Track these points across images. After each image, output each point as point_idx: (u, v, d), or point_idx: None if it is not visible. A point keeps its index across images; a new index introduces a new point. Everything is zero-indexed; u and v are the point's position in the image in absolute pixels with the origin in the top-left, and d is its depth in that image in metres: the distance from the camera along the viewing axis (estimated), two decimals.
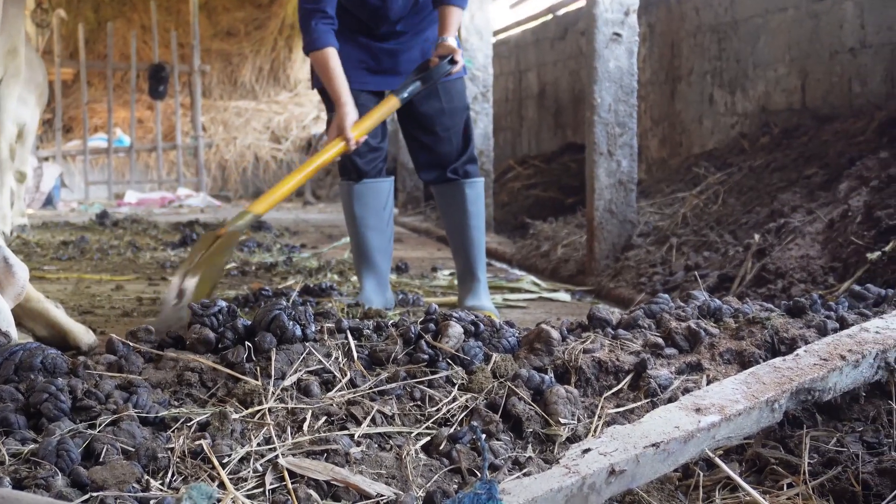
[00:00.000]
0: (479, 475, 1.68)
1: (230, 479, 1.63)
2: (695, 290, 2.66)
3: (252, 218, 3.30)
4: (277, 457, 1.69)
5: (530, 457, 1.82)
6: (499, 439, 1.85)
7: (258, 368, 2.02)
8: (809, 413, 2.01)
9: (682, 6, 6.92)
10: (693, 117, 6.86)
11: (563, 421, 1.90)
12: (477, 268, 3.78)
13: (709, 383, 2.01)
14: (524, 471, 1.75)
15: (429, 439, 1.83)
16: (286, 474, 1.64)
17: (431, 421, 1.91)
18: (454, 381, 2.05)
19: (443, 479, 1.73)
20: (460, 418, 1.93)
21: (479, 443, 1.75)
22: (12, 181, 6.54)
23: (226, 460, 1.68)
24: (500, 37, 10.73)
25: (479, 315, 2.33)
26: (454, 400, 1.98)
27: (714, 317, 2.37)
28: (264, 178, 13.13)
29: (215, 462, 1.65)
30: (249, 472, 1.66)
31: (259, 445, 1.75)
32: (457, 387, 2.03)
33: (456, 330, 2.19)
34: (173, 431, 1.77)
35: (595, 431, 1.89)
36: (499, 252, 6.11)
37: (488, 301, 3.81)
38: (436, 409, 1.95)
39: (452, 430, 1.83)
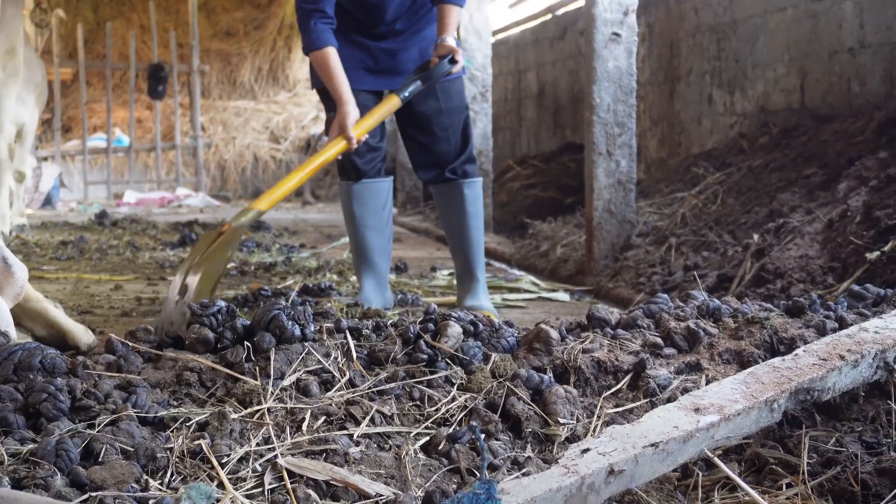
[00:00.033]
0: (478, 475, 1.67)
1: (229, 479, 1.63)
2: (694, 289, 2.66)
3: (256, 214, 3.30)
4: (276, 457, 1.69)
5: (529, 457, 1.82)
6: (498, 439, 1.85)
7: (257, 368, 2.02)
8: (808, 413, 2.01)
9: (681, 6, 6.92)
10: (692, 117, 6.86)
11: (562, 421, 1.90)
12: (476, 268, 3.78)
13: (708, 383, 2.01)
14: (523, 471, 1.75)
15: (428, 439, 1.83)
16: (285, 474, 1.64)
17: (430, 421, 1.91)
18: (453, 380, 2.05)
19: (442, 479, 1.72)
20: (459, 418, 1.93)
21: (478, 443, 1.75)
22: (11, 181, 6.54)
23: (225, 460, 1.68)
24: (499, 37, 10.73)
25: (478, 315, 2.33)
26: (453, 400, 1.98)
27: (713, 317, 2.37)
28: (263, 178, 13.13)
29: (214, 462, 1.65)
30: (248, 471, 1.66)
31: (258, 445, 1.75)
32: (456, 387, 2.03)
33: (455, 330, 2.19)
34: (172, 431, 1.77)
35: (594, 431, 1.89)
36: (498, 252, 6.11)
37: (487, 301, 3.81)
38: (435, 408, 1.95)
39: (451, 430, 1.83)
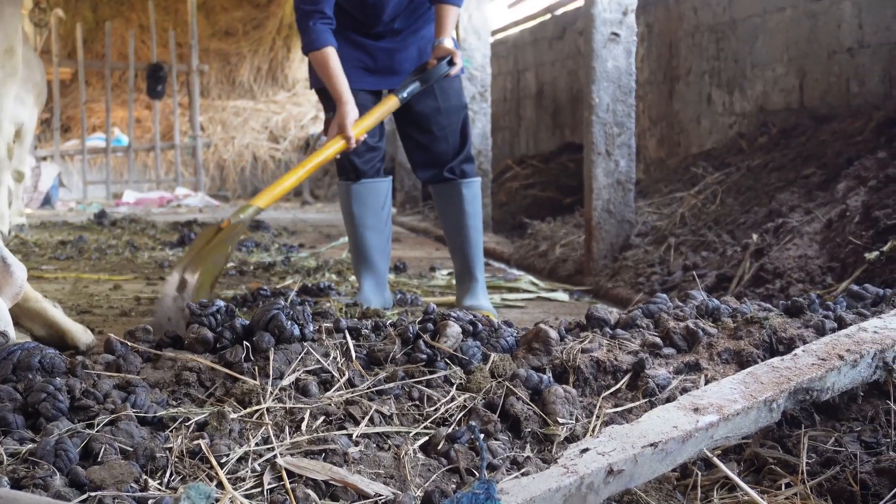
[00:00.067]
0: (478, 475, 1.67)
1: (228, 479, 1.63)
2: (693, 289, 2.66)
3: (255, 211, 3.30)
4: (276, 456, 1.69)
5: (528, 456, 1.82)
6: (497, 439, 1.85)
7: (256, 368, 2.02)
8: (807, 413, 2.01)
9: (680, 6, 6.92)
10: (691, 117, 6.86)
11: (561, 421, 1.90)
12: (475, 267, 3.78)
13: (707, 383, 2.01)
14: (522, 470, 1.75)
15: (427, 439, 1.83)
16: (284, 474, 1.64)
17: (430, 421, 1.91)
18: (452, 380, 2.05)
19: (441, 479, 1.72)
20: (458, 418, 1.93)
21: (477, 442, 1.75)
22: (10, 181, 6.54)
23: (224, 460, 1.68)
24: (498, 36, 10.73)
25: (477, 315, 2.33)
26: (452, 400, 1.98)
27: (712, 316, 2.37)
28: (262, 178, 13.12)
29: (213, 462, 1.65)
30: (248, 471, 1.66)
31: (257, 445, 1.75)
32: (455, 386, 2.03)
33: (454, 330, 2.19)
34: (171, 431, 1.77)
35: (593, 431, 1.89)
36: (497, 252, 6.11)
37: (486, 301, 3.81)
38: (434, 408, 1.95)
39: (451, 430, 1.83)
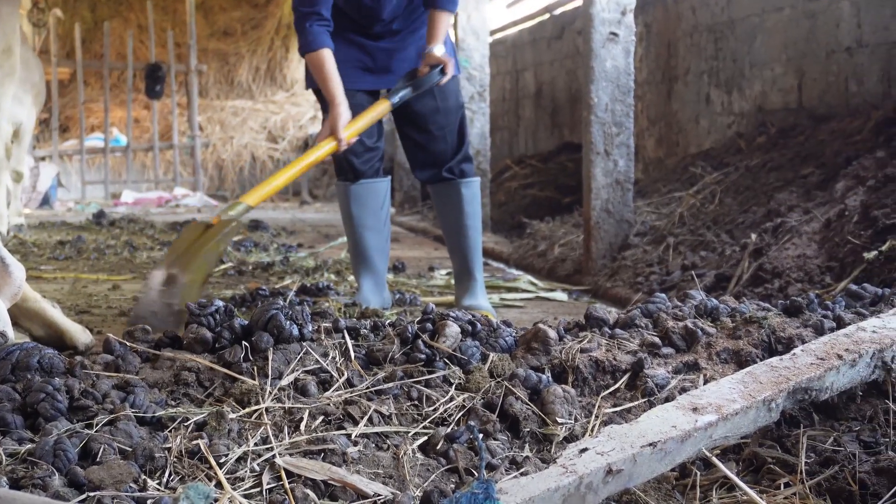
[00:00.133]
0: (477, 475, 1.68)
1: (227, 479, 1.63)
2: (692, 289, 2.66)
3: (244, 208, 3.29)
4: (274, 456, 1.69)
5: (527, 456, 1.82)
6: (496, 439, 1.85)
7: (255, 368, 2.02)
8: (806, 412, 2.01)
9: (678, 6, 6.92)
10: (690, 117, 6.86)
11: (560, 420, 1.90)
12: (474, 267, 3.79)
13: (706, 383, 2.01)
14: (521, 470, 1.75)
15: (426, 439, 1.83)
16: (283, 474, 1.64)
17: (428, 420, 1.91)
18: (451, 380, 2.05)
19: (440, 479, 1.73)
20: (457, 418, 1.93)
21: (476, 442, 1.75)
22: (9, 181, 6.54)
23: (223, 460, 1.68)
24: (497, 36, 10.73)
25: (476, 315, 2.33)
26: (451, 399, 1.98)
27: (711, 316, 2.37)
28: (261, 178, 13.09)
29: (212, 462, 1.65)
30: (246, 471, 1.66)
31: (256, 445, 1.75)
32: (454, 386, 2.03)
33: (453, 329, 2.19)
34: (170, 431, 1.77)
35: (592, 431, 1.89)
36: (496, 251, 6.11)
37: (485, 300, 3.81)
38: (433, 408, 1.95)
39: (449, 430, 1.83)
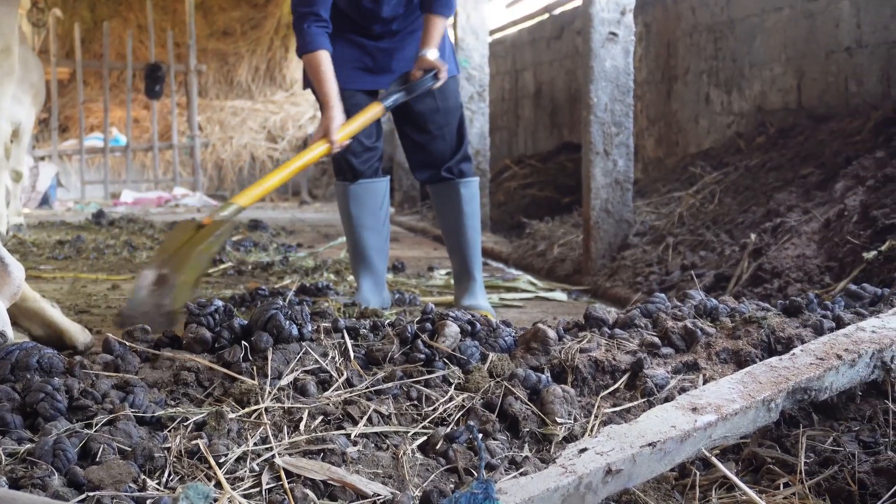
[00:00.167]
0: (476, 475, 1.68)
1: (227, 479, 1.63)
2: (691, 289, 2.66)
3: (236, 209, 3.28)
4: (274, 456, 1.69)
5: (527, 456, 1.82)
6: (495, 439, 1.85)
7: (255, 368, 2.02)
8: (806, 412, 2.01)
9: (678, 6, 6.92)
10: (689, 117, 6.86)
11: (559, 420, 1.90)
12: (473, 267, 3.79)
13: (705, 383, 2.01)
14: (521, 470, 1.75)
15: (425, 439, 1.83)
16: (283, 474, 1.64)
17: (428, 420, 1.91)
18: (451, 380, 2.05)
19: (439, 479, 1.73)
20: (457, 418, 1.93)
21: (475, 442, 1.75)
22: (8, 180, 6.54)
23: (222, 460, 1.68)
24: (497, 36, 10.73)
25: (475, 314, 2.33)
26: (451, 399, 1.98)
27: (710, 316, 2.37)
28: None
29: (212, 461, 1.65)
30: (246, 471, 1.66)
31: (255, 445, 1.75)
32: (453, 386, 2.03)
33: (452, 329, 2.19)
34: (170, 431, 1.77)
35: (591, 431, 1.89)
36: (495, 251, 6.11)
37: (485, 300, 3.81)
38: (432, 408, 1.95)
39: (449, 430, 1.83)
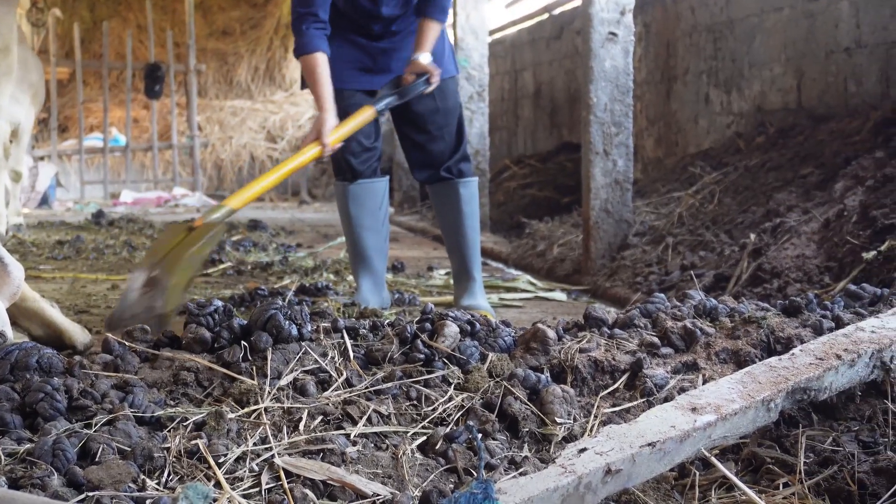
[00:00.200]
0: (476, 475, 1.68)
1: (226, 479, 1.63)
2: (691, 289, 2.66)
3: (227, 211, 3.28)
4: (273, 456, 1.69)
5: (526, 456, 1.82)
6: (495, 439, 1.85)
7: (254, 368, 2.02)
8: (805, 412, 2.01)
9: (677, 6, 6.93)
10: (689, 117, 6.86)
11: (559, 420, 1.90)
12: (472, 267, 3.79)
13: (705, 383, 2.01)
14: (520, 470, 1.75)
15: (425, 439, 1.83)
16: (282, 474, 1.64)
17: (427, 420, 1.91)
18: (450, 380, 2.05)
19: (439, 479, 1.73)
20: (456, 418, 1.93)
21: (475, 442, 1.75)
22: (7, 180, 6.53)
23: (222, 460, 1.68)
24: (496, 36, 10.73)
25: (475, 314, 2.33)
26: (450, 399, 1.98)
27: (710, 316, 2.37)
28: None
29: (211, 462, 1.65)
30: (245, 471, 1.66)
31: (255, 445, 1.75)
32: (453, 386, 2.03)
33: (452, 329, 2.19)
34: (169, 431, 1.77)
35: (591, 431, 1.89)
36: (495, 251, 6.11)
37: (484, 300, 3.81)
38: (432, 408, 1.95)
39: (448, 430, 1.83)
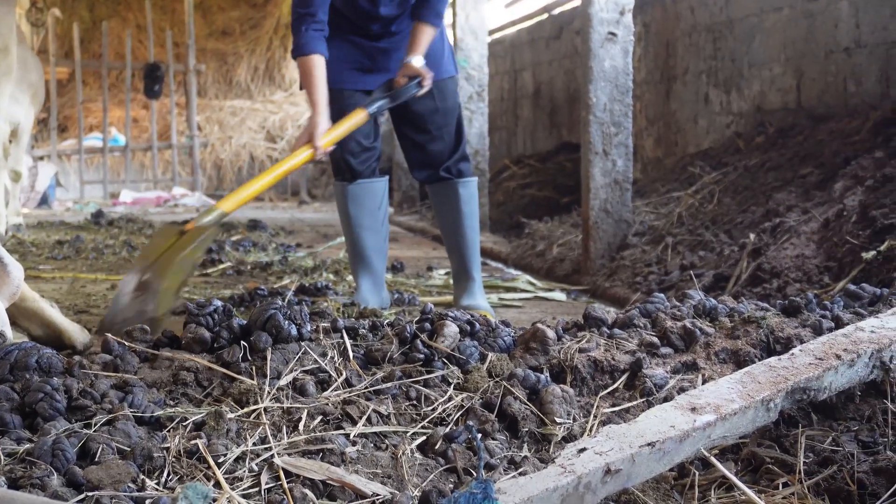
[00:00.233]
0: (475, 475, 1.68)
1: (226, 479, 1.63)
2: (690, 289, 2.66)
3: (220, 214, 3.28)
4: (273, 456, 1.69)
5: (526, 456, 1.82)
6: (494, 439, 1.85)
7: (254, 368, 2.02)
8: (805, 412, 2.01)
9: (677, 5, 6.93)
10: (688, 117, 6.86)
11: (558, 420, 1.90)
12: (472, 267, 3.79)
13: (704, 382, 2.01)
14: (520, 470, 1.75)
15: (424, 439, 1.83)
16: (282, 474, 1.64)
17: (427, 420, 1.91)
18: (450, 380, 2.05)
19: (438, 479, 1.73)
20: (456, 418, 1.93)
21: (474, 442, 1.75)
22: (7, 180, 6.53)
23: (221, 460, 1.68)
24: (496, 36, 10.73)
25: (474, 314, 2.33)
26: (450, 399, 1.98)
27: (709, 316, 2.37)
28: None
29: (211, 461, 1.65)
30: (245, 471, 1.66)
31: (255, 445, 1.75)
32: (452, 386, 2.03)
33: (452, 329, 2.19)
34: (169, 431, 1.77)
35: (591, 431, 1.89)
36: (494, 251, 6.11)
37: (484, 300, 3.81)
38: (431, 408, 1.95)
39: (448, 430, 1.83)
